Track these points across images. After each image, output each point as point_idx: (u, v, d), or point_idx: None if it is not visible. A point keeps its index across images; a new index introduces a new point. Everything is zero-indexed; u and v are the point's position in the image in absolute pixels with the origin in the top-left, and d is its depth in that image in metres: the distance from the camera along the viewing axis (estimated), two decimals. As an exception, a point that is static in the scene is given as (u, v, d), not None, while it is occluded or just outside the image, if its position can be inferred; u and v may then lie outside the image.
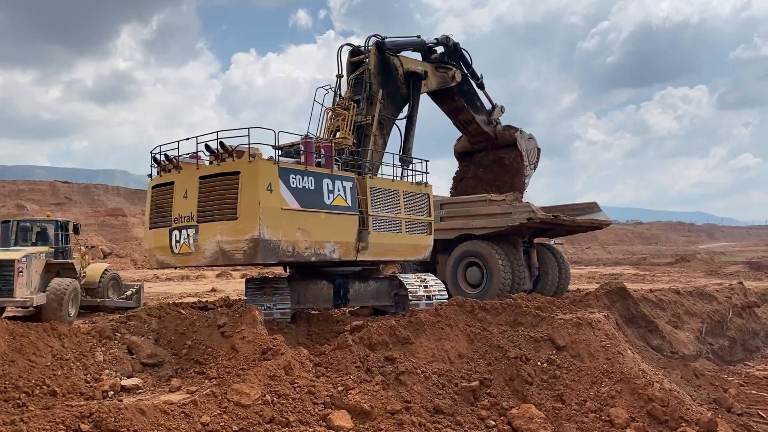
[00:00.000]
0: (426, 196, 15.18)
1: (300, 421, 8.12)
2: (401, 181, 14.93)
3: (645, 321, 17.18)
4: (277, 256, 11.85)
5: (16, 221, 16.81)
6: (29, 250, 15.03)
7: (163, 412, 7.39)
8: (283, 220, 11.68)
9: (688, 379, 13.22)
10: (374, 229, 13.57)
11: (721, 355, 19.07)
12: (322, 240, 12.43)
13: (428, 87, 17.57)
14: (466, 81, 19.08)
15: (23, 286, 14.06)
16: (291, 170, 11.98)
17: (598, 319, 12.03)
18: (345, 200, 12.85)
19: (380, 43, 16.06)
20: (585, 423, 9.56)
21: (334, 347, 10.52)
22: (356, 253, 13.20)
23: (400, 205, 14.35)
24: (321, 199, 12.39)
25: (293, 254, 12.00)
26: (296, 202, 11.93)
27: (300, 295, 14.08)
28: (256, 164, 11.58)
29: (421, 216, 14.95)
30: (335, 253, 12.73)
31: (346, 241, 12.94)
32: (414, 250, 14.97)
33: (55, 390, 8.30)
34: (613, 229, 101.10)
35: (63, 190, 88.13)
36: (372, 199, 13.61)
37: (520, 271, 17.73)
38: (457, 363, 10.64)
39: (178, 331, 11.15)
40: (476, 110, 19.72)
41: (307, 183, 12.19)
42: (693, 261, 55.94)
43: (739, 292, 22.39)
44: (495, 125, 20.27)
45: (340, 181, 12.85)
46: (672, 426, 9.47)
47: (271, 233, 11.52)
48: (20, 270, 14.04)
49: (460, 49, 18.91)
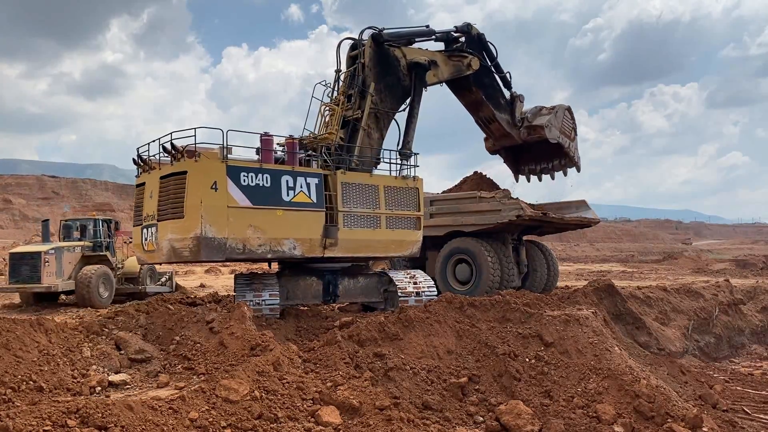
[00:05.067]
0: (414, 191, 14.84)
1: (289, 416, 8.11)
2: (383, 176, 14.67)
3: (632, 318, 17.31)
4: (224, 254, 12.02)
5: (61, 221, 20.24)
6: (61, 244, 18.26)
7: (150, 408, 7.35)
8: (230, 218, 11.90)
9: (675, 375, 13.33)
10: (345, 225, 13.44)
11: (707, 352, 19.27)
12: (279, 237, 12.56)
13: (439, 77, 16.80)
14: (486, 73, 18.00)
15: (51, 274, 17.22)
16: (242, 168, 12.14)
17: (586, 316, 12.10)
18: (308, 197, 12.91)
19: (377, 35, 15.50)
20: (572, 419, 9.61)
21: (323, 343, 10.52)
22: (323, 250, 13.17)
23: (379, 200, 14.08)
24: (278, 196, 12.52)
25: (244, 251, 12.19)
26: (247, 200, 12.12)
27: (289, 291, 14.08)
28: (200, 164, 11.89)
29: (408, 211, 14.62)
30: (296, 250, 12.82)
31: (310, 237, 12.96)
32: (398, 246, 14.64)
33: (42, 385, 8.23)
34: (601, 227, 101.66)
35: (50, 184, 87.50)
36: (343, 195, 13.49)
37: (509, 268, 17.79)
38: (446, 359, 10.66)
39: (166, 327, 11.10)
40: (498, 107, 18.55)
41: (261, 180, 12.35)
42: (680, 258, 56.37)
43: (726, 289, 22.62)
44: (520, 127, 19.00)
45: (303, 177, 12.92)
46: (658, 422, 9.54)
47: (215, 231, 11.81)
48: (46, 261, 17.14)
49: (483, 39, 17.89)
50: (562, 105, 19.50)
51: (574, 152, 19.80)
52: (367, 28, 15.65)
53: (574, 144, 19.84)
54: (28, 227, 72.18)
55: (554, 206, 19.68)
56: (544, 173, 20.80)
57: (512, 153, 20.74)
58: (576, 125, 19.84)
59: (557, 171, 20.49)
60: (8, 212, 79.21)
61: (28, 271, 17.30)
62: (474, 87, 17.86)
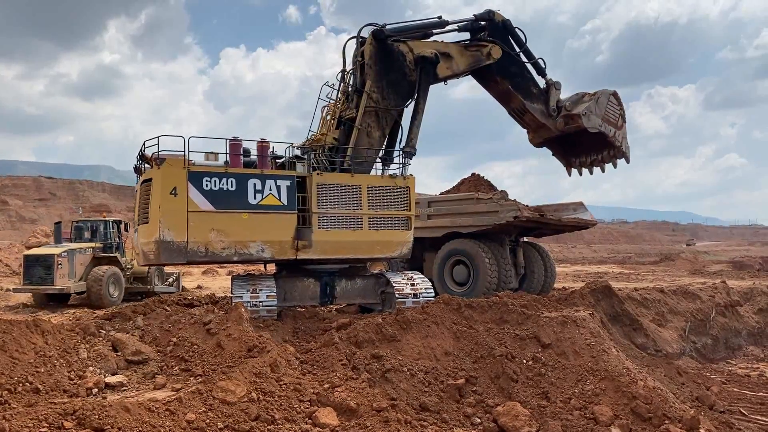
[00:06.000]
0: (405, 190, 14.42)
1: (286, 418, 8.10)
2: (366, 175, 14.39)
3: (629, 319, 17.32)
4: (185, 257, 12.55)
5: (73, 222, 20.84)
6: (73, 246, 18.90)
7: (147, 410, 7.34)
8: (191, 222, 12.38)
9: (672, 377, 13.34)
10: (321, 227, 13.44)
11: (704, 354, 19.29)
12: (244, 240, 12.84)
13: (454, 69, 16.03)
14: (512, 61, 16.82)
15: (64, 276, 17.92)
16: (205, 173, 12.55)
17: (584, 318, 12.11)
18: (278, 199, 13.08)
19: (378, 31, 15.04)
20: (570, 420, 9.62)
21: (320, 345, 10.51)
22: (295, 252, 13.26)
23: (361, 201, 13.86)
24: (244, 199, 12.79)
25: (207, 254, 12.64)
26: (209, 204, 12.54)
27: (286, 292, 14.08)
28: (162, 170, 12.40)
29: (396, 210, 14.27)
30: (265, 253, 13.04)
31: (279, 240, 13.10)
32: (384, 247, 14.30)
33: (38, 387, 8.21)
34: (598, 228, 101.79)
35: (47, 185, 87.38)
36: (318, 196, 13.47)
37: (506, 269, 17.79)
38: (444, 361, 10.66)
39: (163, 328, 11.10)
40: (529, 97, 17.27)
41: (225, 185, 12.68)
42: (677, 260, 56.48)
43: (723, 291, 22.64)
44: (555, 117, 17.52)
45: (272, 180, 13.08)
46: (655, 423, 9.55)
47: (173, 235, 12.35)
48: (59, 263, 17.79)
49: (509, 25, 16.72)
50: (606, 90, 17.78)
51: (621, 141, 18.03)
52: (367, 25, 15.32)
53: (621, 132, 18.03)
54: (24, 228, 72.01)
55: (551, 208, 19.68)
56: (594, 165, 19.16)
57: (560, 145, 19.18)
58: (624, 111, 18.04)
59: (607, 162, 18.76)
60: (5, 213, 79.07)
61: (42, 272, 17.96)
62: (498, 77, 16.87)
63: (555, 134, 18.01)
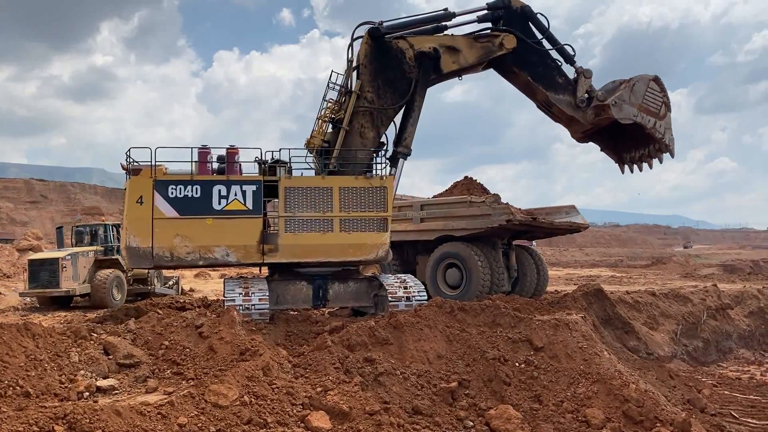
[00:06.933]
0: (381, 190, 14.00)
1: (278, 422, 8.08)
2: (339, 177, 14.10)
3: (621, 322, 17.37)
4: (152, 262, 13.26)
5: (73, 226, 21.32)
6: (76, 250, 19.43)
7: (139, 413, 7.30)
8: (156, 228, 13.01)
9: (663, 379, 13.40)
10: (288, 230, 13.46)
11: (695, 356, 19.36)
12: (209, 244, 13.25)
13: (461, 63, 15.24)
14: (530, 50, 15.59)
15: (68, 279, 18.45)
16: (171, 182, 13.16)
17: (576, 321, 12.15)
18: (243, 204, 13.35)
19: (374, 29, 14.70)
20: (562, 423, 9.64)
21: (313, 348, 10.49)
22: (261, 256, 13.43)
23: (332, 203, 13.69)
24: (208, 205, 13.21)
25: (172, 259, 13.26)
26: (174, 211, 13.13)
27: (279, 295, 14.07)
28: (131, 181, 13.24)
29: (371, 212, 13.90)
30: (230, 257, 13.35)
31: (244, 244, 13.35)
32: (358, 250, 13.91)
33: (29, 391, 8.16)
34: (590, 232, 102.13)
35: (39, 188, 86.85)
36: (286, 200, 13.50)
37: (498, 272, 17.82)
38: (436, 364, 10.67)
39: (155, 332, 11.04)
40: (552, 87, 15.88)
41: (190, 192, 13.19)
42: (669, 263, 56.75)
43: (714, 294, 22.75)
44: (585, 108, 15.90)
45: (238, 186, 13.38)
46: (647, 426, 9.58)
47: (139, 241, 13.08)
48: (64, 266, 18.32)
49: (529, 11, 15.57)
50: (645, 75, 15.91)
51: (663, 133, 16.00)
52: (364, 23, 15.03)
53: (664, 123, 16.03)
54: (16, 231, 71.57)
55: (544, 211, 19.73)
56: (642, 161, 17.18)
57: (609, 139, 17.33)
58: (668, 99, 16.06)
59: (653, 157, 16.75)
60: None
61: (47, 276, 18.55)
62: (516, 68, 15.74)
63: (589, 128, 16.41)
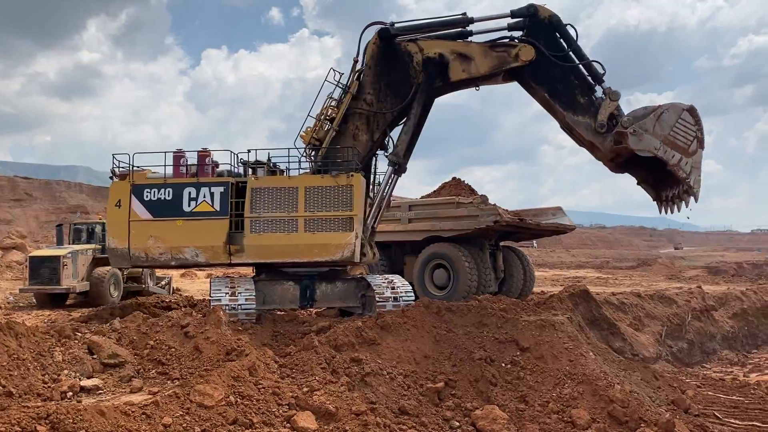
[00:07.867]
0: (347, 189, 13.57)
1: (264, 422, 8.05)
2: (305, 176, 14.02)
3: (607, 323, 17.49)
4: (129, 262, 13.99)
5: (71, 224, 21.66)
6: (75, 248, 19.68)
7: (123, 414, 7.24)
8: (133, 230, 13.67)
9: (648, 380, 13.48)
10: (253, 231, 13.49)
11: (680, 357, 19.54)
12: (179, 245, 13.65)
13: (471, 72, 14.13)
14: (551, 64, 13.81)
15: (69, 276, 18.77)
16: (146, 185, 13.79)
17: (562, 321, 12.20)
18: (211, 205, 13.63)
19: (383, 30, 14.29)
20: (548, 424, 9.68)
21: (299, 348, 10.47)
22: (229, 257, 13.58)
23: (297, 203, 13.52)
24: (179, 207, 13.63)
25: (147, 259, 13.87)
26: (148, 213, 13.71)
27: (266, 295, 14.01)
28: (112, 185, 14.11)
29: (336, 212, 13.55)
30: (199, 257, 13.67)
31: (212, 245, 13.58)
32: (323, 250, 13.54)
33: (11, 391, 8.06)
34: (577, 233, 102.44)
35: (23, 186, 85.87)
36: (252, 201, 13.53)
37: (486, 273, 17.89)
38: (423, 364, 10.67)
39: (140, 331, 10.96)
40: (572, 108, 13.83)
41: (163, 195, 13.74)
42: (654, 265, 57.14)
43: (698, 296, 22.98)
44: (605, 133, 13.49)
45: (207, 188, 13.70)
46: (632, 427, 9.65)
47: (117, 242, 13.85)
48: (65, 264, 18.62)
49: (558, 22, 13.92)
50: (678, 104, 13.42)
51: (689, 172, 13.16)
52: (374, 23, 14.63)
53: (691, 161, 13.22)
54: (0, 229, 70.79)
55: (531, 212, 19.83)
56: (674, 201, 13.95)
57: (645, 172, 14.43)
58: (702, 133, 13.28)
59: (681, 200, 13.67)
60: (-21, 213, 77.60)
61: (48, 273, 18.80)
62: (532, 82, 14.24)
63: (611, 156, 13.96)
